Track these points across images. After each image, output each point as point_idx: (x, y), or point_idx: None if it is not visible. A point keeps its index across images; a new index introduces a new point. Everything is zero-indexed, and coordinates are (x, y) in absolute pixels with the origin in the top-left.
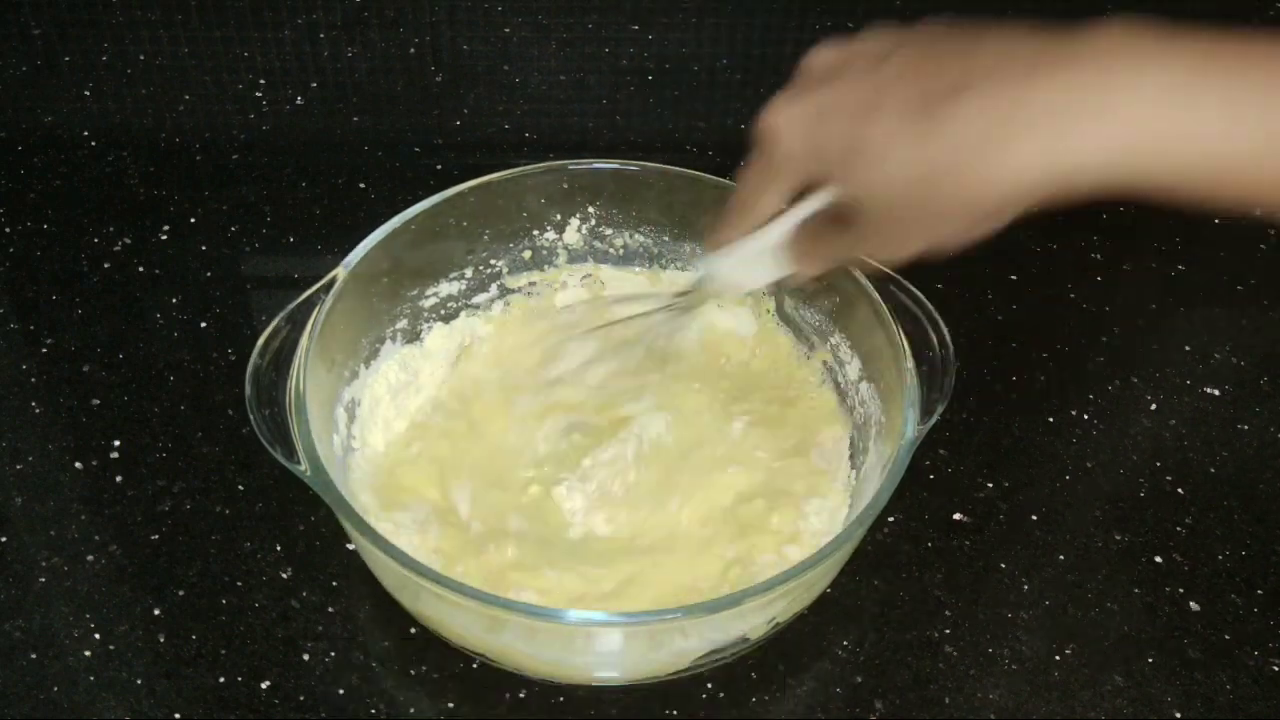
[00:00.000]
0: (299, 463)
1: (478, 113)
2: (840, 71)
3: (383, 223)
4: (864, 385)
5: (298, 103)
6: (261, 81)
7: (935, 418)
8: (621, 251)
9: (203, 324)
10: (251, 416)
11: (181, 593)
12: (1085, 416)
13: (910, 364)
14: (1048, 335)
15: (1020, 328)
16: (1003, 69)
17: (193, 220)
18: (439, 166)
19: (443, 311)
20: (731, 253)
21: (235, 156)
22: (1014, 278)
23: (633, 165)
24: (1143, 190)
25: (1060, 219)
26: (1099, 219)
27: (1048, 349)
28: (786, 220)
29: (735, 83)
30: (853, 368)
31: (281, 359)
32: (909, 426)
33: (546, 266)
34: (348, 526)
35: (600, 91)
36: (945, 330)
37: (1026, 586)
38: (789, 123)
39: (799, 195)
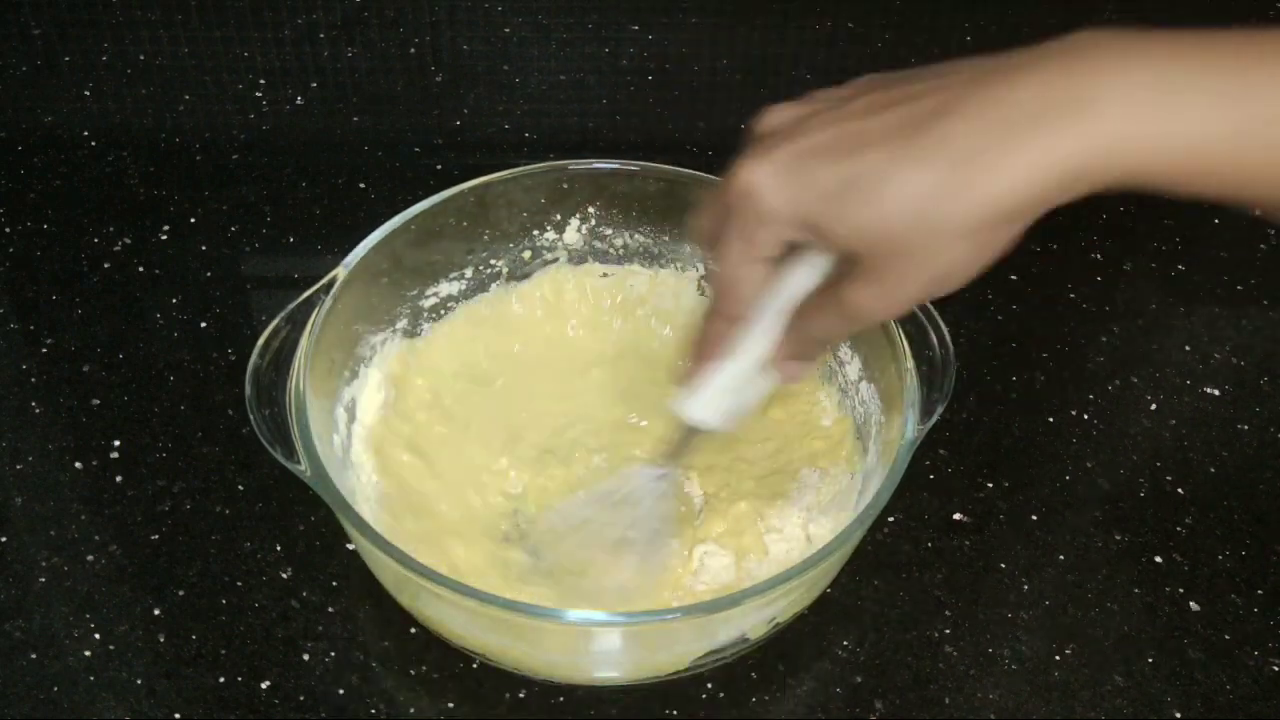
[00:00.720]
0: (299, 463)
1: (478, 113)
2: (803, 122)
3: (383, 223)
4: (864, 385)
5: (298, 103)
6: (261, 81)
7: (935, 418)
8: (621, 251)
9: (203, 324)
10: (251, 416)
11: (181, 593)
12: (1085, 416)
13: (910, 364)
14: (1048, 335)
15: (1020, 328)
16: (981, 81)
17: (193, 220)
18: (439, 166)
19: (443, 312)
20: (713, 380)
21: (235, 156)
22: (1014, 278)
23: (633, 165)
24: (1143, 185)
25: (1060, 219)
26: (1099, 219)
27: (1048, 349)
28: (772, 316)
29: (735, 83)
30: (853, 368)
31: (281, 359)
32: (909, 426)
33: (547, 266)
34: (348, 526)
35: (600, 91)
36: (945, 330)
37: (1026, 586)
38: (768, 177)
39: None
